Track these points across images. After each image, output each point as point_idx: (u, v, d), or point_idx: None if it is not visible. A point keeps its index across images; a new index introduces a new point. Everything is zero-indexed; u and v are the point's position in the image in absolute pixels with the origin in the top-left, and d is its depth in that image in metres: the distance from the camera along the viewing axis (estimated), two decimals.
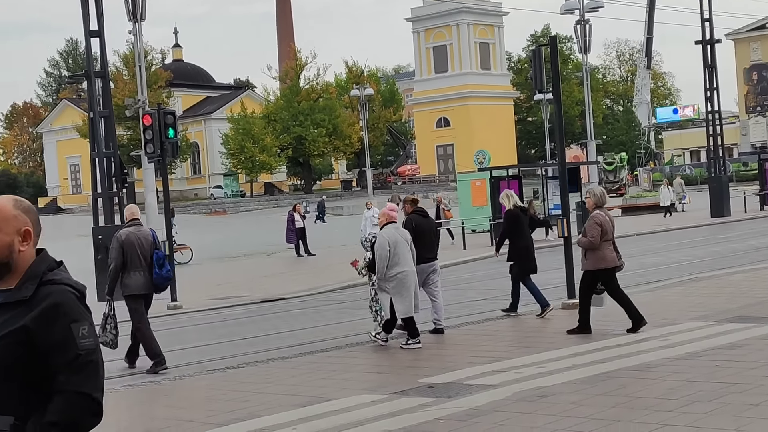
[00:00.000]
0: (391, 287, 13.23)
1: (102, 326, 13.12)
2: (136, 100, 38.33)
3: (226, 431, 8.93)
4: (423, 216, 14.71)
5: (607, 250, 13.14)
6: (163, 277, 13.31)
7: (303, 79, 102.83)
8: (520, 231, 15.84)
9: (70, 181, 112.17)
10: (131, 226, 13.56)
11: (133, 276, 13.14)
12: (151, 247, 13.33)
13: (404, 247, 13.27)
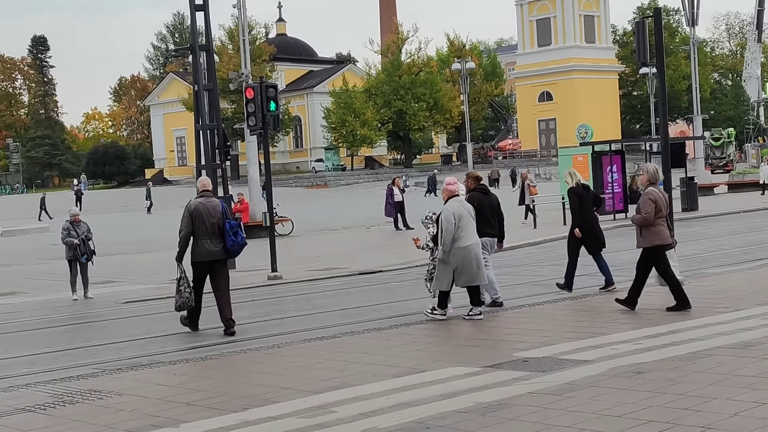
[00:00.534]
0: (455, 259, 13.45)
1: (176, 289, 13.94)
2: (240, 73, 38.87)
3: (322, 399, 9.05)
4: (484, 193, 14.92)
5: (662, 226, 13.17)
6: (238, 243, 13.93)
7: (404, 53, 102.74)
8: (583, 208, 15.96)
9: (176, 153, 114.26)
10: (202, 197, 14.14)
11: (200, 244, 13.80)
12: (221, 216, 13.91)
13: (469, 221, 13.55)
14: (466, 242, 13.46)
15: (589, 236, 15.97)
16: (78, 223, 19.80)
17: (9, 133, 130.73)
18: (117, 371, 11.40)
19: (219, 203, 14.25)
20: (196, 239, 13.84)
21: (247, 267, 24.06)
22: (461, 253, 13.44)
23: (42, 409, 9.36)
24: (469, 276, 13.55)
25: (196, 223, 13.79)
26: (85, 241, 19.59)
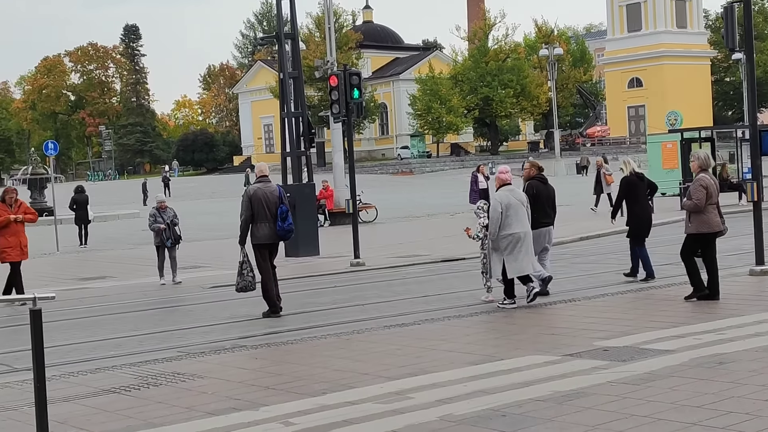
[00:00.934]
0: (503, 247, 13.64)
1: (239, 272, 14.71)
2: (326, 61, 39.08)
3: (399, 385, 9.10)
4: (543, 182, 15.15)
5: (712, 214, 13.13)
6: (285, 229, 14.57)
7: (491, 39, 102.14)
8: (636, 198, 15.98)
9: (264, 140, 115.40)
10: (260, 182, 14.81)
11: (260, 227, 14.50)
12: (277, 202, 14.54)
13: (519, 209, 13.64)
14: (514, 230, 13.59)
15: (639, 224, 16.02)
16: (164, 210, 20.16)
17: (102, 120, 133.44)
18: (200, 354, 11.60)
19: (276, 188, 14.86)
20: (255, 223, 14.50)
21: (330, 253, 24.27)
22: (508, 240, 13.59)
23: (127, 391, 9.58)
24: (517, 265, 13.67)
25: (255, 208, 14.48)
26: (170, 227, 19.93)
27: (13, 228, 17.77)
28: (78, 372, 10.72)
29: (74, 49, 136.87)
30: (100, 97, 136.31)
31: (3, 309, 16.86)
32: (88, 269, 24.20)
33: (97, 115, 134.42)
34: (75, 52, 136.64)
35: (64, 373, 10.64)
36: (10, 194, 18.08)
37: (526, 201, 13.98)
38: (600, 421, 7.43)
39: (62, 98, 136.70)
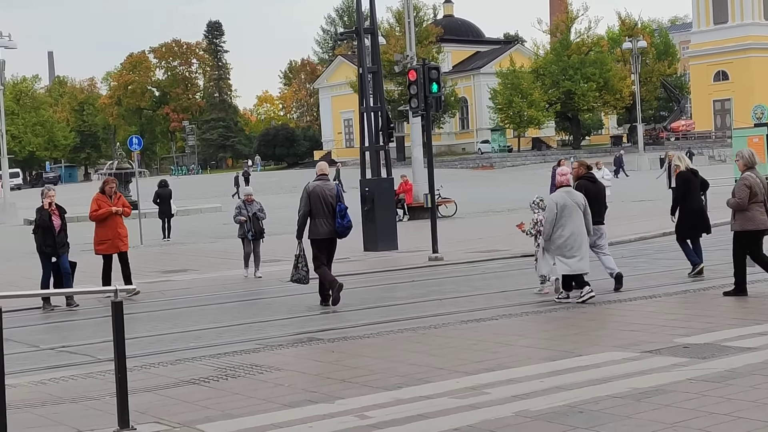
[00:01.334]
0: (555, 248, 13.92)
1: (294, 265, 15.36)
2: (405, 55, 39.06)
3: (475, 380, 9.08)
4: (592, 181, 15.31)
5: (756, 211, 13.24)
6: (344, 226, 15.08)
7: (574, 32, 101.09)
8: (690, 193, 16.11)
9: (344, 135, 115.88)
10: (320, 180, 15.37)
11: (318, 223, 15.03)
12: (335, 199, 15.10)
13: (574, 211, 13.82)
14: (568, 231, 13.77)
15: (690, 220, 16.11)
16: (251, 203, 20.35)
17: (185, 115, 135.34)
18: (278, 347, 11.71)
19: (334, 186, 15.48)
20: (313, 218, 15.04)
21: (409, 248, 24.28)
22: (562, 241, 13.81)
23: (205, 382, 9.70)
24: (573, 264, 13.82)
25: (313, 204, 15.01)
26: (253, 219, 20.09)
27: (112, 220, 17.72)
28: (159, 363, 10.90)
29: (158, 46, 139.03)
30: (183, 93, 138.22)
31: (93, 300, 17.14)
32: (170, 262, 24.57)
33: (181, 111, 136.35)
34: (159, 49, 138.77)
35: (145, 364, 10.82)
36: (110, 185, 18.07)
37: (584, 202, 14.05)
38: (678, 419, 7.32)
39: (147, 94, 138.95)
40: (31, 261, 27.31)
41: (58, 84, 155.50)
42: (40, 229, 16.81)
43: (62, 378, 10.42)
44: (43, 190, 17.39)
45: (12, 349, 11.44)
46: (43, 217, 16.73)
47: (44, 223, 16.73)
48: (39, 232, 16.86)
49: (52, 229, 16.73)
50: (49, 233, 16.74)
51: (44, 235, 16.77)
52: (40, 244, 16.83)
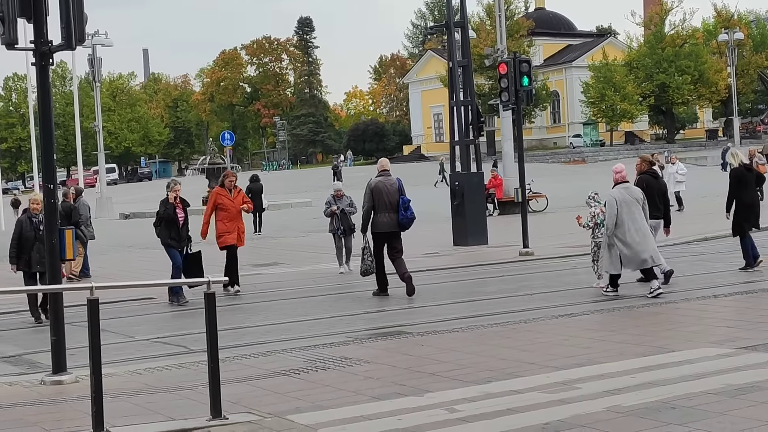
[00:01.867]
0: (619, 242, 14.14)
1: (362, 258, 16.20)
2: (496, 49, 38.89)
3: (566, 375, 9.00)
4: (654, 177, 15.79)
5: None
6: (408, 218, 15.82)
7: (668, 24, 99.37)
8: (743, 189, 16.26)
9: (433, 130, 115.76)
10: (381, 176, 16.06)
11: (380, 217, 15.78)
12: (397, 193, 15.82)
13: (634, 206, 14.16)
14: (628, 226, 14.07)
15: (744, 214, 16.27)
16: (340, 198, 20.39)
17: (276, 111, 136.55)
18: (367, 340, 11.77)
19: (396, 181, 16.06)
20: (376, 213, 15.80)
21: (499, 242, 24.16)
22: (625, 238, 14.09)
23: (296, 374, 9.80)
24: (637, 260, 14.18)
25: (376, 199, 15.77)
26: (341, 215, 20.14)
27: (234, 213, 17.52)
28: (250, 354, 11.04)
29: (250, 43, 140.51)
30: (274, 89, 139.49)
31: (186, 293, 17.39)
32: (261, 256, 24.84)
33: (272, 107, 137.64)
34: (251, 46, 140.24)
35: (237, 355, 10.97)
36: (230, 178, 17.78)
37: (642, 198, 14.37)
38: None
39: (239, 90, 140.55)
40: (127, 254, 27.92)
41: (153, 81, 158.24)
42: (164, 222, 16.66)
43: (156, 368, 10.62)
44: (169, 183, 17.31)
45: (108, 339, 11.70)
46: (168, 210, 16.59)
47: (169, 216, 16.58)
48: (162, 225, 16.70)
49: (176, 222, 16.60)
50: (173, 226, 16.58)
51: (168, 227, 16.62)
52: (165, 237, 16.66)
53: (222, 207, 17.51)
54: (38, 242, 14.58)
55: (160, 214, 16.76)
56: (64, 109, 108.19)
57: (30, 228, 15.07)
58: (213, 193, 17.79)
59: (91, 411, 7.67)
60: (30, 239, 15.01)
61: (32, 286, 14.82)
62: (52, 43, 10.17)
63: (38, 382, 10.02)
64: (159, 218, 16.82)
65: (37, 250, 14.70)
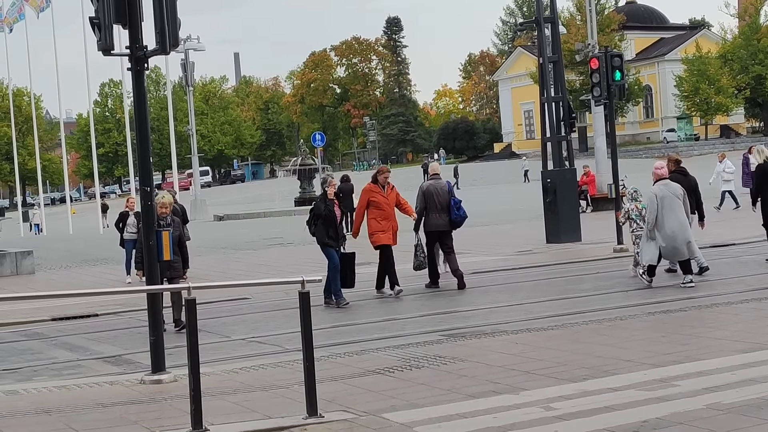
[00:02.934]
0: (661, 237, 14.85)
1: (414, 253, 17.26)
2: (586, 44, 38.51)
3: (663, 372, 8.86)
4: (683, 174, 16.65)
5: None
6: (460, 216, 16.98)
7: (763, 15, 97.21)
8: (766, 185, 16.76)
9: (524, 127, 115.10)
10: (433, 179, 17.32)
11: (431, 217, 16.93)
12: (447, 195, 16.95)
13: (673, 201, 14.89)
14: (669, 221, 14.79)
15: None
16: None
17: (366, 111, 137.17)
18: (461, 338, 11.74)
19: (446, 184, 17.26)
20: (428, 213, 16.94)
21: (593, 239, 23.89)
22: (665, 231, 14.79)
23: (390, 372, 9.82)
24: (675, 252, 15.01)
25: (428, 201, 16.88)
26: None
27: (387, 211, 16.60)
28: (345, 353, 11.10)
29: (339, 44, 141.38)
30: (363, 89, 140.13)
31: (280, 292, 17.57)
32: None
33: (361, 107, 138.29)
34: (340, 47, 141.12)
35: (331, 354, 11.05)
36: (384, 174, 16.90)
37: (682, 193, 15.11)
38: None
39: (329, 91, 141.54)
40: (222, 255, 28.31)
41: (244, 84, 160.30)
42: (321, 220, 15.69)
43: (253, 367, 10.75)
44: (325, 178, 16.54)
45: (205, 339, 11.88)
46: (328, 206, 15.63)
47: (330, 213, 15.66)
48: (319, 223, 15.72)
49: (335, 220, 15.72)
50: (332, 224, 15.70)
51: (326, 226, 15.70)
52: (323, 236, 15.75)
53: (375, 204, 16.66)
54: None
55: (318, 211, 15.74)
56: (159, 114, 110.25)
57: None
58: (365, 190, 16.84)
59: (190, 409, 7.79)
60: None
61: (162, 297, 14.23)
62: (147, 48, 10.37)
63: (138, 381, 10.22)
64: (315, 216, 15.83)
65: None
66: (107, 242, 32.80)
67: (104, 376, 11.04)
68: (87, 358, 12.57)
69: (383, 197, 16.73)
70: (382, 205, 16.67)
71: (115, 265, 24.36)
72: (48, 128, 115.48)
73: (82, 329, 15.22)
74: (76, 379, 10.75)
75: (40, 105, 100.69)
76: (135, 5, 10.22)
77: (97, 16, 10.24)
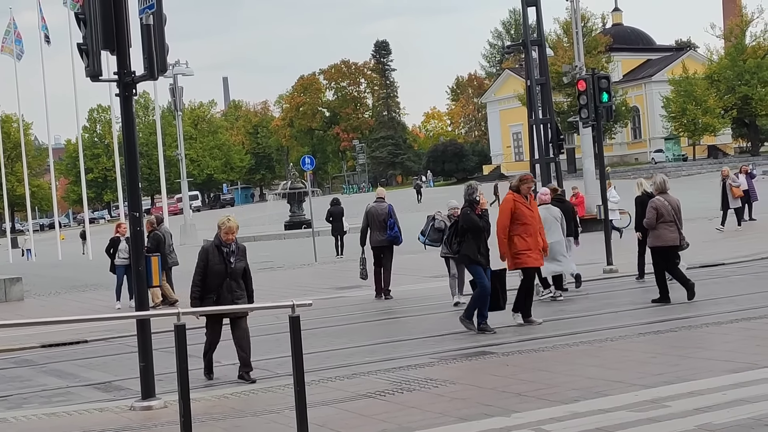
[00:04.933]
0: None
1: (360, 266, 20.57)
2: (574, 66, 38.61)
3: (654, 393, 8.87)
4: (561, 201, 18.51)
5: (664, 230, 15.44)
6: (391, 236, 19.64)
7: (749, 35, 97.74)
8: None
9: (513, 149, 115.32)
10: (377, 202, 20.03)
11: (373, 234, 19.78)
12: (386, 216, 19.62)
13: (552, 223, 16.93)
14: (549, 240, 15.71)
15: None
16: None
17: (355, 134, 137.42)
18: (452, 361, 11.73)
19: (386, 206, 19.86)
20: (371, 231, 19.73)
21: (582, 260, 23.88)
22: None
23: (381, 396, 9.80)
24: (551, 268, 16.96)
25: (370, 220, 19.73)
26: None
27: (533, 225, 14.35)
28: (335, 377, 11.08)
29: (328, 67, 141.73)
30: (353, 113, 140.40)
31: (270, 317, 17.53)
32: (344, 279, 24.92)
33: (351, 130, 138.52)
34: (329, 70, 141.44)
35: (322, 378, 11.02)
36: (528, 183, 14.44)
37: (560, 216, 17.35)
38: None
39: (318, 115, 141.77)
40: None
41: (233, 108, 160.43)
42: (470, 235, 14.04)
43: (243, 392, 10.72)
44: (472, 185, 14.68)
45: (196, 364, 11.83)
46: (484, 218, 14.18)
47: (487, 226, 14.17)
48: (469, 238, 14.04)
49: (487, 234, 14.23)
50: (483, 239, 14.08)
51: (477, 241, 14.02)
52: (474, 252, 13.99)
53: (520, 218, 14.19)
54: (230, 279, 11.75)
55: (472, 224, 14.01)
56: (148, 139, 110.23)
57: (219, 260, 11.72)
58: (507, 201, 14.33)
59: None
60: (219, 274, 11.71)
61: (216, 336, 12.17)
62: (135, 73, 10.39)
63: (128, 407, 10.18)
64: (464, 231, 14.12)
65: (228, 289, 11.75)
66: (96, 268, 32.74)
67: (94, 402, 11.00)
68: (76, 385, 12.52)
69: (528, 209, 14.35)
70: (527, 218, 14.24)
71: (104, 291, 24.31)
72: (37, 154, 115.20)
73: (71, 356, 15.15)
74: (66, 406, 10.71)
75: (29, 131, 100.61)
76: (123, 31, 10.25)
77: (85, 42, 10.27)
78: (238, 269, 11.73)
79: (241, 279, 11.83)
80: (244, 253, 11.98)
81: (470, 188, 14.54)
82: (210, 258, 11.77)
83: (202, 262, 11.79)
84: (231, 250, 11.72)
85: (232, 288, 11.72)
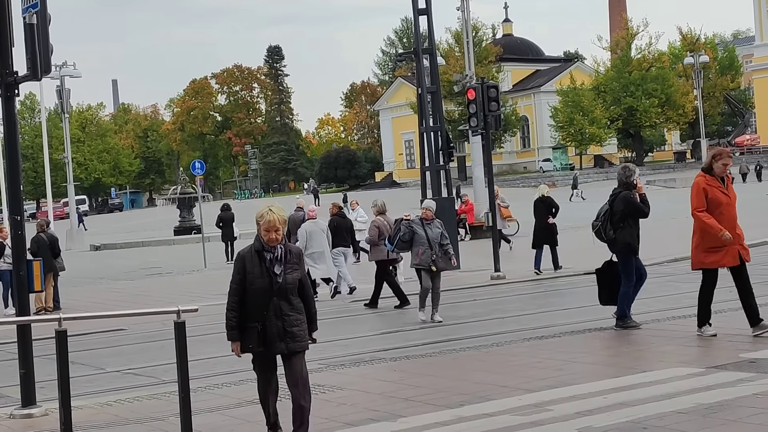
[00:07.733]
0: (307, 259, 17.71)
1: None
2: (464, 75, 39.11)
3: (538, 397, 9.01)
4: (341, 217, 20.68)
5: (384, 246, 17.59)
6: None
7: (634, 48, 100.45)
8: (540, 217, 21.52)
9: (405, 156, 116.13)
10: (294, 212, 22.15)
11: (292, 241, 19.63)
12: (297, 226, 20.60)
13: (319, 235, 19.79)
14: (315, 248, 19.49)
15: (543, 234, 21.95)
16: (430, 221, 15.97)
17: (248, 140, 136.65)
18: (340, 366, 11.73)
19: (301, 215, 21.51)
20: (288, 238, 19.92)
21: (470, 267, 24.19)
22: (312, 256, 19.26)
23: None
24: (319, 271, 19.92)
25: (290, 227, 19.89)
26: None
27: (730, 215, 11.21)
28: (222, 384, 10.98)
29: (220, 71, 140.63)
30: (245, 118, 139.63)
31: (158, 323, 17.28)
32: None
33: (243, 135, 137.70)
34: (221, 74, 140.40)
35: (209, 385, 10.91)
36: (723, 160, 11.21)
37: (326, 228, 20.01)
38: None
39: (209, 119, 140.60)
40: (98, 286, 27.71)
41: (123, 111, 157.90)
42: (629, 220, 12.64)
43: (127, 399, 10.54)
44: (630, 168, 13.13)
45: (79, 371, 11.61)
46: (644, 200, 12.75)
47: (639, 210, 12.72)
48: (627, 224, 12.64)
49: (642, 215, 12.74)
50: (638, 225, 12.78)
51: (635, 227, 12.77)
52: (634, 239, 12.66)
53: (715, 203, 11.14)
54: (278, 297, 7.84)
55: (634, 208, 12.58)
56: (33, 141, 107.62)
57: (261, 271, 7.86)
58: (697, 184, 11.24)
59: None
60: (263, 292, 7.84)
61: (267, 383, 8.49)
62: (18, 73, 10.14)
63: (8, 416, 9.92)
64: (623, 216, 12.61)
65: (276, 313, 7.86)
66: None
67: None
68: None
69: (724, 194, 11.22)
70: (722, 205, 11.14)
71: None
72: None
73: None
74: None
75: None
76: (5, 30, 10.00)
77: None
78: (291, 283, 7.86)
79: (297, 297, 7.99)
80: (299, 260, 8.04)
81: (627, 170, 12.76)
82: (248, 269, 7.90)
83: (238, 275, 7.93)
84: (277, 257, 7.86)
85: (282, 311, 7.83)
